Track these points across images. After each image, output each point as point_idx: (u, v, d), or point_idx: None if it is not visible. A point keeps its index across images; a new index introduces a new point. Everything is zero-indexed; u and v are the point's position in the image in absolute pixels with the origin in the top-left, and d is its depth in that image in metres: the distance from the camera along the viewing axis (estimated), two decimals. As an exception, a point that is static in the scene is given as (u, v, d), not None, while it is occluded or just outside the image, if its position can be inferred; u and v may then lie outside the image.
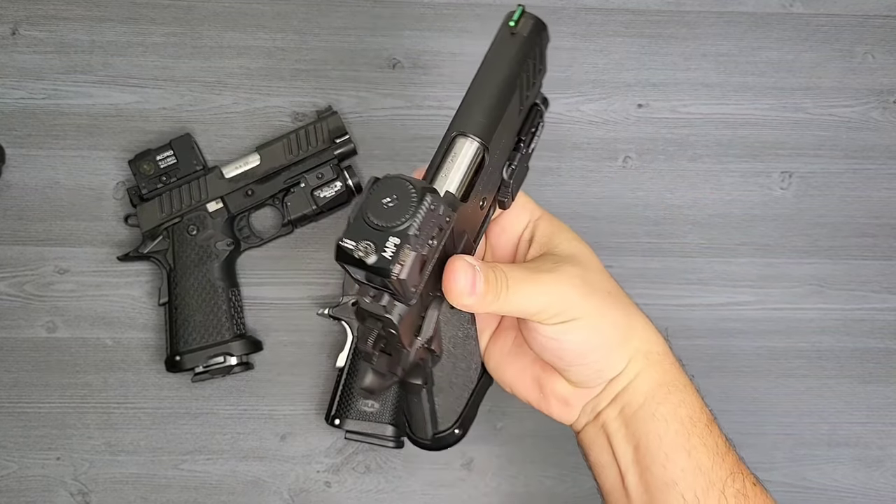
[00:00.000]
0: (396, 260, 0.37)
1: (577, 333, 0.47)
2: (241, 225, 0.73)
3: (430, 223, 0.39)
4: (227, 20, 0.76)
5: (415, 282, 0.39)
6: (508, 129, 0.48)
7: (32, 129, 0.74)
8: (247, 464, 0.72)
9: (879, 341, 0.75)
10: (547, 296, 0.46)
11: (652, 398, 0.49)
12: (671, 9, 0.78)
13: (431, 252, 0.40)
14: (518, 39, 0.46)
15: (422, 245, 0.39)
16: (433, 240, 0.40)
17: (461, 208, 0.43)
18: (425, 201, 0.38)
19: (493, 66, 0.46)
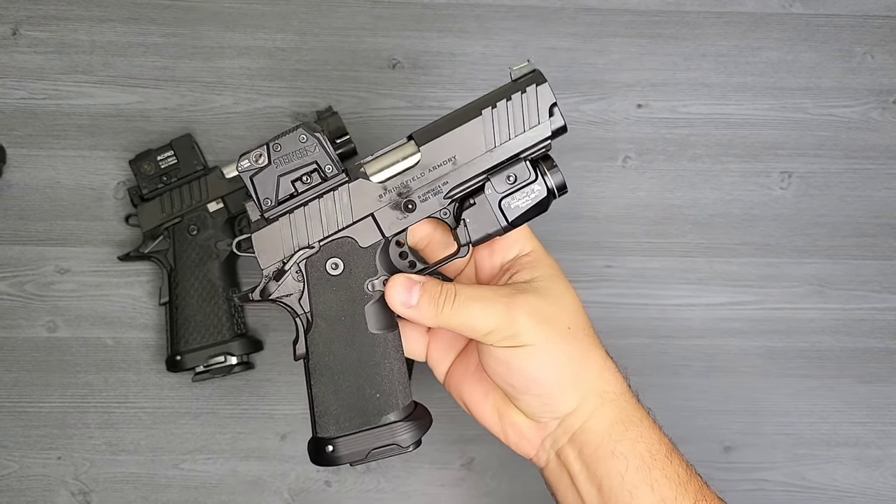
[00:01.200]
0: (247, 155, 0.51)
1: (527, 360, 0.48)
2: (242, 225, 0.73)
3: (294, 150, 0.50)
4: (227, 21, 0.76)
5: (265, 191, 0.51)
6: (460, 151, 0.50)
7: (33, 128, 0.74)
8: (247, 463, 0.72)
9: (879, 341, 0.75)
10: (494, 317, 0.47)
11: (609, 437, 0.49)
12: (671, 9, 0.78)
13: (289, 170, 0.51)
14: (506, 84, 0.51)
15: (280, 161, 0.50)
16: (294, 163, 0.50)
17: (362, 182, 0.51)
18: (296, 131, 0.50)
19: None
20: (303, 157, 0.51)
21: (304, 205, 0.52)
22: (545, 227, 0.75)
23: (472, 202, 0.51)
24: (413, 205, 0.51)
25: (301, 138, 0.51)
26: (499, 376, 0.49)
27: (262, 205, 0.52)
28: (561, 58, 0.77)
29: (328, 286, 0.51)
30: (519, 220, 0.51)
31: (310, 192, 0.52)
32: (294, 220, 0.52)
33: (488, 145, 0.50)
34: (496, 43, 0.76)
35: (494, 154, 0.50)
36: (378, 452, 0.50)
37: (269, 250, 0.52)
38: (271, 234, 0.52)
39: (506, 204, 0.51)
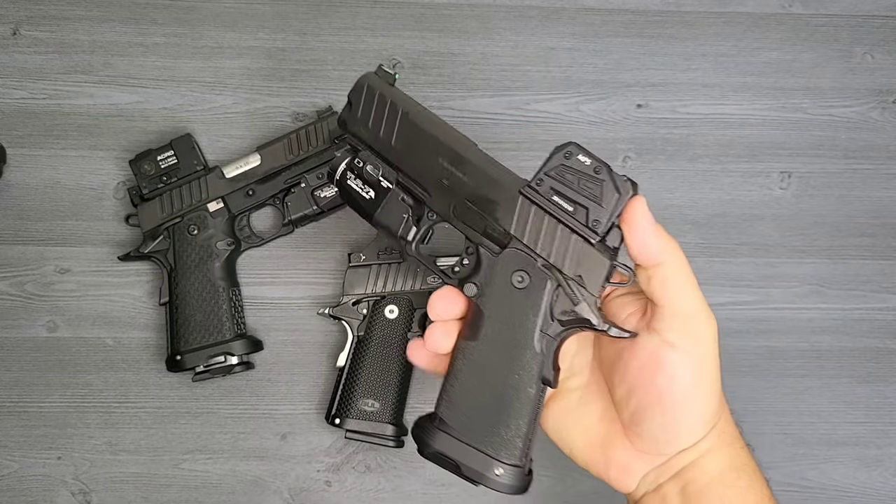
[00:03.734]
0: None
1: (685, 365, 0.46)
2: (242, 225, 0.73)
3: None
4: (227, 20, 0.76)
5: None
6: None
7: (33, 128, 0.74)
8: (247, 463, 0.72)
9: (878, 341, 0.75)
10: (692, 301, 0.47)
11: (720, 481, 0.47)
12: (671, 9, 0.78)
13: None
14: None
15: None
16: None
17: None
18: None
19: None
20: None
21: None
22: (545, 227, 0.75)
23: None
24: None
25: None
26: (645, 377, 0.46)
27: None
28: (561, 58, 0.77)
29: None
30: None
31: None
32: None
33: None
34: (496, 43, 0.76)
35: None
36: (462, 470, 0.49)
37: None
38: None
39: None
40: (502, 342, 0.49)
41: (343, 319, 0.70)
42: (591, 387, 0.51)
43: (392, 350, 0.70)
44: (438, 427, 0.49)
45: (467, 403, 0.49)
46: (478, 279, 0.50)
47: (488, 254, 0.50)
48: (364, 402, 0.69)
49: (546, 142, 0.75)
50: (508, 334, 0.48)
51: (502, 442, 0.48)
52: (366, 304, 0.71)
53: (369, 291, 0.71)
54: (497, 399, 0.49)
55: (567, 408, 0.51)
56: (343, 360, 0.70)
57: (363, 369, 0.70)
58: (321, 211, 0.72)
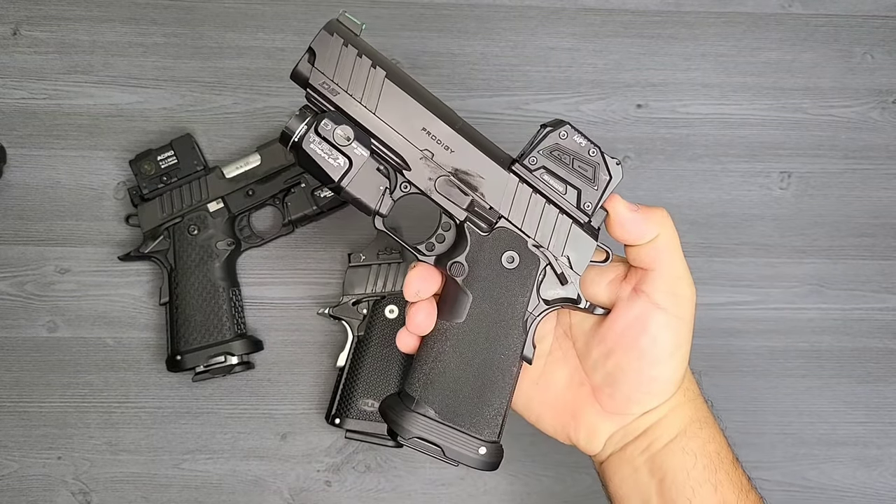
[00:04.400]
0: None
1: (669, 327, 0.48)
2: (242, 225, 0.73)
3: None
4: (227, 21, 0.76)
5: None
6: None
7: (33, 128, 0.74)
8: (247, 463, 0.72)
9: (878, 341, 0.75)
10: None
11: (683, 433, 0.49)
12: (671, 9, 0.78)
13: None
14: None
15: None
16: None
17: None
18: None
19: None
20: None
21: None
22: (545, 227, 0.75)
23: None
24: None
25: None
26: (621, 343, 0.48)
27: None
28: (561, 58, 0.77)
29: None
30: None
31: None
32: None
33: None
34: (496, 43, 0.77)
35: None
36: (446, 453, 0.48)
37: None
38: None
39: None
40: (488, 322, 0.48)
41: (343, 319, 0.71)
42: (555, 353, 0.52)
43: (392, 350, 0.70)
44: (416, 410, 0.48)
45: (448, 384, 0.48)
46: (462, 258, 0.48)
47: (476, 233, 0.48)
48: (364, 402, 0.69)
49: (546, 142, 0.75)
50: (495, 314, 0.48)
51: (484, 421, 0.48)
52: (366, 304, 0.71)
53: (369, 291, 0.71)
54: (480, 379, 0.48)
55: (531, 378, 0.52)
56: (343, 360, 0.70)
57: (363, 369, 0.70)
58: (321, 211, 0.72)
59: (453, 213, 0.48)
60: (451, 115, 0.49)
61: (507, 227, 0.48)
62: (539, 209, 0.48)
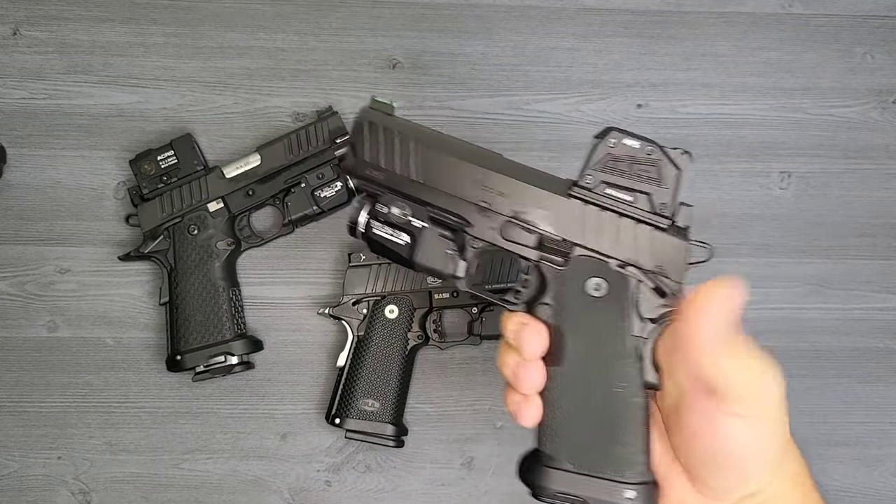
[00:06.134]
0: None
1: (748, 429, 0.42)
2: (242, 225, 0.73)
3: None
4: (227, 21, 0.76)
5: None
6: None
7: (33, 128, 0.74)
8: (247, 463, 0.72)
9: (879, 341, 0.75)
10: (748, 370, 0.42)
11: None
12: (671, 9, 0.78)
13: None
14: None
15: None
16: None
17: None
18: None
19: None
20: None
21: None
22: (545, 227, 0.75)
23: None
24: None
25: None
26: (705, 440, 0.42)
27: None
28: (561, 58, 0.77)
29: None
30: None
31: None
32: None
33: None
34: (496, 43, 0.77)
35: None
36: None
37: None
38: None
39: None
40: (594, 358, 0.45)
41: (343, 319, 0.70)
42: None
43: (392, 350, 0.70)
44: (548, 465, 0.45)
45: (573, 431, 0.45)
46: (548, 298, 0.45)
47: (552, 269, 0.46)
48: (364, 402, 0.69)
49: (546, 141, 0.75)
50: (598, 348, 0.44)
51: (624, 462, 0.44)
52: (366, 304, 0.71)
53: (369, 291, 0.71)
54: (605, 419, 0.44)
55: None
56: (343, 360, 0.70)
57: (363, 369, 0.70)
58: (321, 211, 0.72)
59: (525, 254, 0.46)
60: (496, 159, 0.48)
61: (584, 254, 0.45)
62: (612, 226, 0.45)
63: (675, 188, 0.44)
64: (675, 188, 0.44)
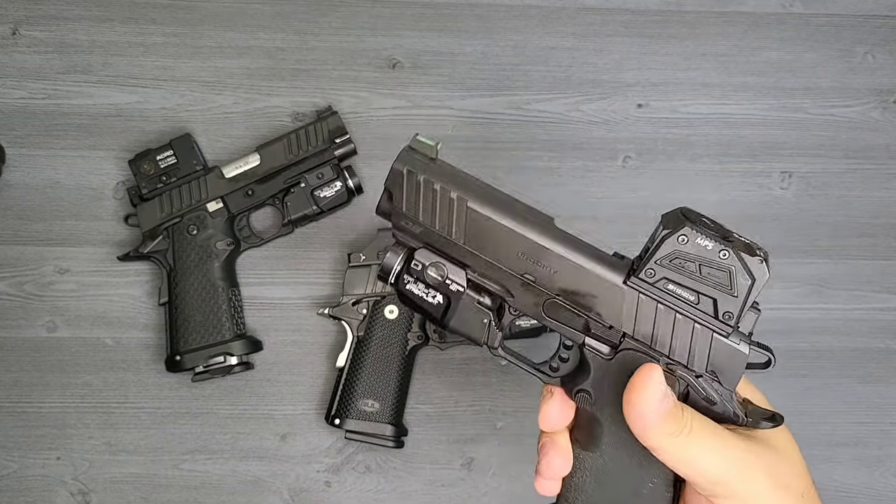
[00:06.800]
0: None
1: None
2: (242, 225, 0.73)
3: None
4: (227, 20, 0.76)
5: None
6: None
7: (33, 128, 0.74)
8: (247, 463, 0.72)
9: (879, 341, 0.75)
10: (729, 466, 0.39)
11: None
12: (671, 9, 0.78)
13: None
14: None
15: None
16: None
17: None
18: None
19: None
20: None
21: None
22: (545, 227, 0.75)
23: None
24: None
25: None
26: None
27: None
28: (561, 57, 0.77)
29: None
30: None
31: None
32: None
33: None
34: (496, 43, 0.76)
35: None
36: None
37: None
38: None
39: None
40: (629, 450, 0.42)
41: (343, 319, 0.70)
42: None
43: (392, 350, 0.70)
44: None
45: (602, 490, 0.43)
46: (588, 385, 0.43)
47: (598, 357, 0.43)
48: (364, 403, 0.69)
49: (546, 141, 0.75)
50: (634, 442, 0.41)
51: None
52: (366, 304, 0.70)
53: (369, 291, 0.71)
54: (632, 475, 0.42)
55: None
56: (343, 361, 0.70)
57: (363, 369, 0.70)
58: (321, 211, 0.72)
59: (568, 336, 0.43)
60: (549, 226, 0.44)
61: (634, 349, 0.42)
62: (669, 323, 0.41)
63: (746, 298, 0.40)
64: (746, 298, 0.40)
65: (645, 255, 0.41)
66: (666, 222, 0.42)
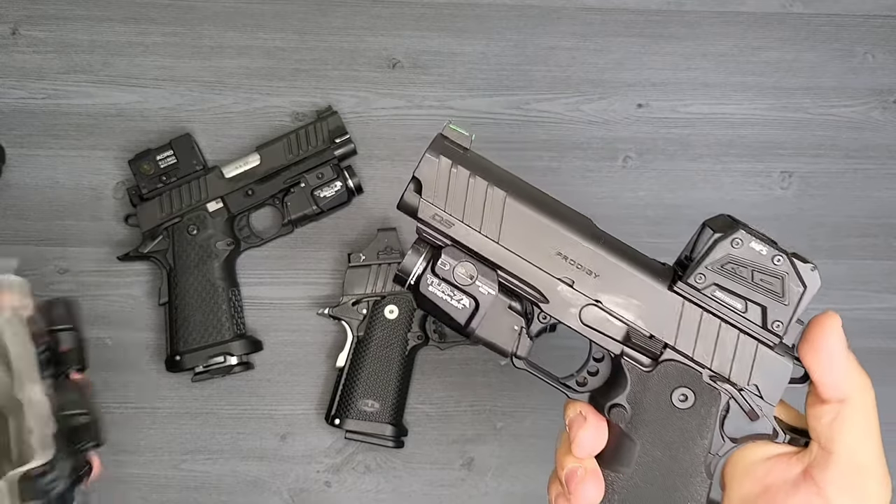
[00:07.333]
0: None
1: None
2: (242, 225, 0.73)
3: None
4: (227, 20, 0.76)
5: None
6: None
7: (33, 128, 0.74)
8: (247, 463, 0.72)
9: (879, 341, 0.75)
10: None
11: None
12: (671, 9, 0.77)
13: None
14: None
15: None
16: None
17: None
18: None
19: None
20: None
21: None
22: (545, 227, 0.74)
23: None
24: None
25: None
26: None
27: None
28: (561, 57, 0.77)
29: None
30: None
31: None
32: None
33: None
34: (496, 42, 0.76)
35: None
36: None
37: None
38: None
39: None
40: (662, 471, 0.40)
41: (343, 319, 0.70)
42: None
43: (392, 350, 0.70)
44: None
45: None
46: (623, 399, 0.40)
47: (636, 369, 0.40)
48: (364, 403, 0.69)
49: (546, 141, 0.75)
50: (670, 462, 0.40)
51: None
52: (366, 304, 0.70)
53: (369, 291, 0.70)
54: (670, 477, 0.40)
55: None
56: (343, 361, 0.70)
57: (363, 369, 0.70)
58: (321, 211, 0.72)
59: (606, 346, 0.41)
60: (590, 227, 0.42)
61: (676, 360, 0.40)
62: (713, 333, 0.40)
63: (797, 307, 0.39)
64: (797, 307, 0.39)
65: (688, 260, 0.40)
66: (713, 226, 0.40)
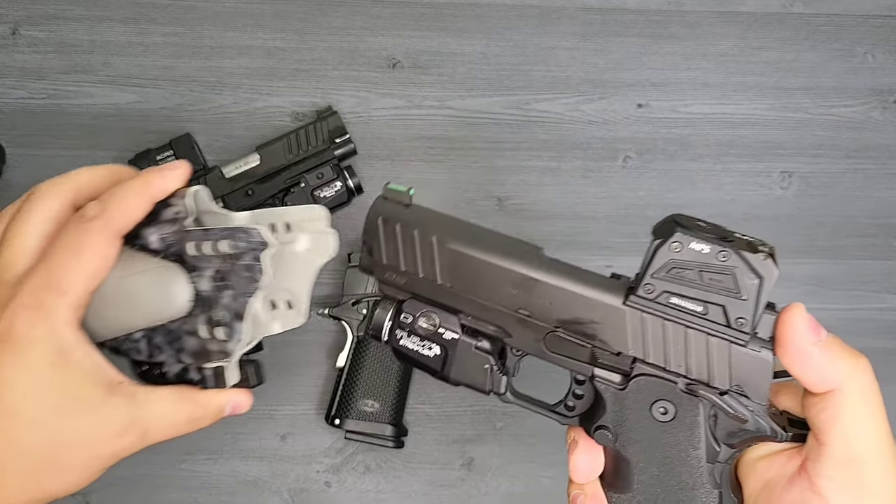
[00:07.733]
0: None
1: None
2: (242, 225, 0.73)
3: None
4: (227, 20, 0.76)
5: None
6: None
7: (33, 128, 0.74)
8: (247, 464, 0.72)
9: (879, 341, 0.75)
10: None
11: None
12: (671, 9, 0.77)
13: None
14: None
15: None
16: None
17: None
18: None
19: None
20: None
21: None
22: (546, 227, 0.75)
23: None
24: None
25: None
26: None
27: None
28: (561, 57, 0.77)
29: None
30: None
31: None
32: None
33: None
34: (496, 42, 0.76)
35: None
36: None
37: None
38: None
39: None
40: (664, 487, 0.39)
41: (343, 319, 0.70)
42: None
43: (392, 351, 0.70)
44: None
45: None
46: (606, 421, 0.40)
47: (610, 388, 0.40)
48: (364, 403, 0.69)
49: (546, 141, 0.75)
50: (669, 477, 0.39)
51: None
52: (366, 304, 0.70)
53: (369, 291, 0.70)
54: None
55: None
56: (343, 361, 0.70)
57: (363, 370, 0.70)
58: (321, 211, 0.72)
59: (577, 370, 0.41)
60: (536, 256, 0.41)
61: (647, 373, 0.39)
62: (681, 341, 0.38)
63: (757, 300, 0.37)
64: (757, 300, 0.37)
65: (641, 270, 0.39)
66: (657, 232, 0.39)
